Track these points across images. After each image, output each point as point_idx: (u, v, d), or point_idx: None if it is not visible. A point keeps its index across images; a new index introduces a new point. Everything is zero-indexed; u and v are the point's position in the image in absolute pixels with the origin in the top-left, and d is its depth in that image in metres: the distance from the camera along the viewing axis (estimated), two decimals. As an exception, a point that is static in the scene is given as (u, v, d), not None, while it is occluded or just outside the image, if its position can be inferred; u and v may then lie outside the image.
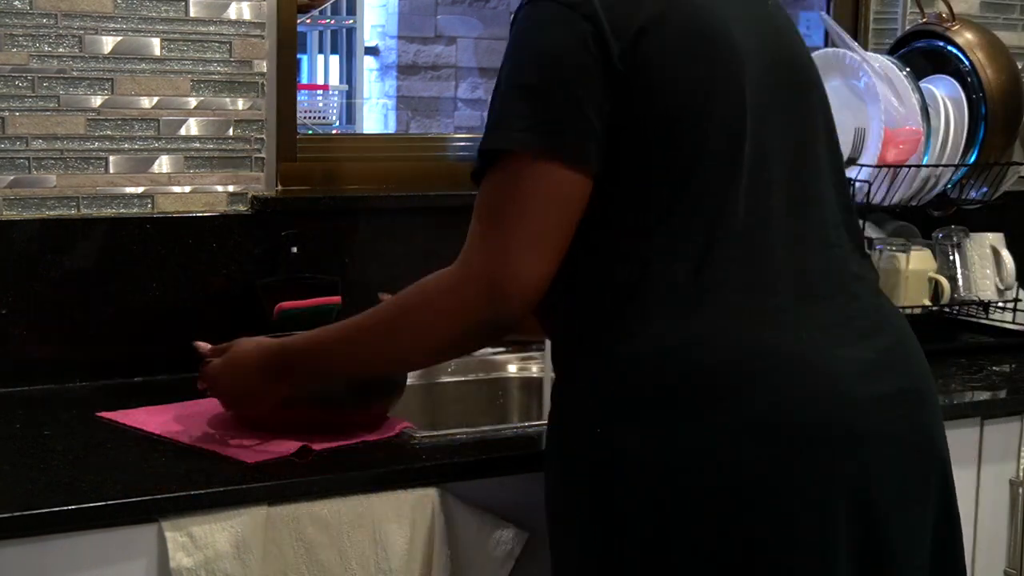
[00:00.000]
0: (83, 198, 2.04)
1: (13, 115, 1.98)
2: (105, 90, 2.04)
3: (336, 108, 3.96)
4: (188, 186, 2.11)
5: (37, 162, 2.01)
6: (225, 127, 2.13)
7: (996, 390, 2.21)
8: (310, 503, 1.58)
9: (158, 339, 2.08)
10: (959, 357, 2.34)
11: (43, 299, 2.00)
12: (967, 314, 2.54)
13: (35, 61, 1.99)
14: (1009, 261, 2.60)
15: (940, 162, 2.41)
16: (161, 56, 2.07)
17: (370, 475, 1.64)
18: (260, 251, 2.15)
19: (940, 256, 2.55)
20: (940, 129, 2.40)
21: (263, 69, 2.15)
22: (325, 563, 1.59)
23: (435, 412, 2.25)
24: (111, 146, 2.05)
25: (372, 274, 2.26)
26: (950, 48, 2.51)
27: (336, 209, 2.24)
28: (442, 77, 5.58)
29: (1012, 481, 2.12)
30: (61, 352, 2.02)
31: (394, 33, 5.52)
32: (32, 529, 1.45)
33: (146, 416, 1.82)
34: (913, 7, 2.71)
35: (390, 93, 5.53)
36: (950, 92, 2.44)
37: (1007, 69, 2.48)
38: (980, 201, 2.55)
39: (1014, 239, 2.66)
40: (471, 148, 2.51)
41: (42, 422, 1.83)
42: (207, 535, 1.51)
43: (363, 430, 1.74)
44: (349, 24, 4.94)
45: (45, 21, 1.98)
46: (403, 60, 5.51)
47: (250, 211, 2.15)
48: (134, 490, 1.52)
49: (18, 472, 1.61)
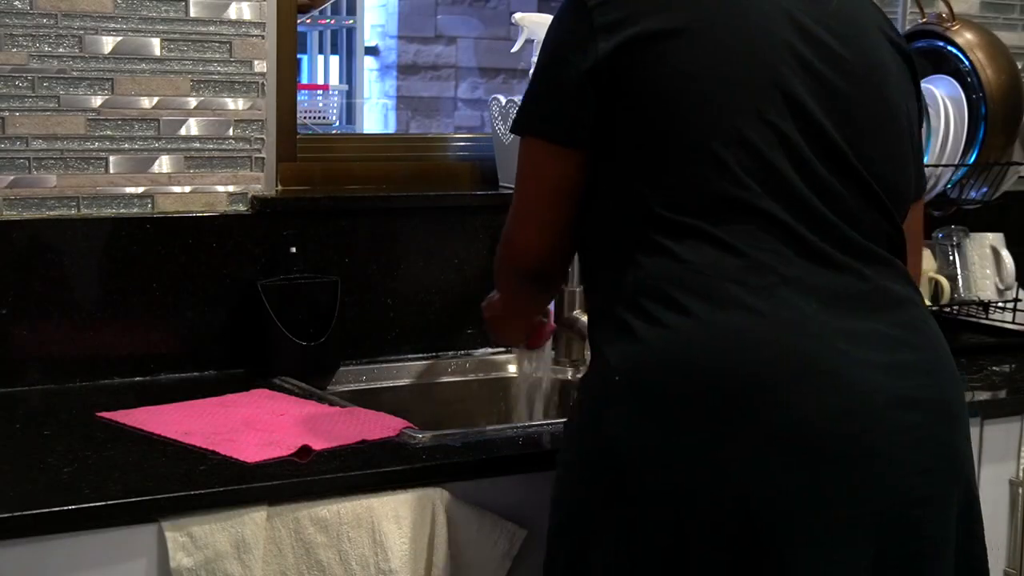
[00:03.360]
0: (83, 198, 2.04)
1: (13, 115, 1.98)
2: (105, 90, 2.04)
3: (336, 108, 3.96)
4: (188, 186, 2.11)
5: (37, 162, 2.01)
6: (225, 127, 2.13)
7: (996, 390, 2.21)
8: (310, 503, 1.58)
9: (158, 339, 2.08)
10: (959, 357, 2.29)
11: (43, 299, 2.00)
12: (967, 314, 2.54)
13: (35, 61, 1.99)
14: (1009, 261, 2.60)
15: (940, 162, 2.41)
16: (161, 56, 2.07)
17: (370, 475, 1.64)
18: (260, 251, 2.15)
19: (940, 256, 2.55)
20: (940, 129, 2.40)
21: (263, 69, 2.15)
22: (325, 563, 1.59)
23: (435, 412, 2.25)
24: (111, 146, 2.05)
25: (372, 274, 2.26)
26: (950, 48, 2.51)
27: (336, 209, 2.24)
28: (442, 77, 5.58)
29: (1012, 481, 2.13)
30: (61, 352, 2.02)
31: (394, 33, 5.53)
32: (32, 529, 1.44)
33: (146, 416, 1.82)
34: (913, 7, 2.72)
35: (390, 93, 5.54)
36: (950, 92, 2.44)
37: (1007, 69, 2.49)
38: (980, 201, 2.55)
39: (1014, 239, 2.66)
40: (471, 148, 2.51)
41: (42, 422, 1.83)
42: (207, 535, 1.52)
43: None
44: (349, 24, 4.94)
45: (45, 21, 1.98)
46: (403, 60, 5.52)
47: (250, 211, 2.15)
48: (134, 490, 1.52)
49: (18, 472, 1.61)
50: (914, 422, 1.43)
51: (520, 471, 1.72)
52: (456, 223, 2.32)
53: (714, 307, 1.41)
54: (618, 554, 1.43)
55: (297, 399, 1.96)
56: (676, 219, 1.45)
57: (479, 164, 2.47)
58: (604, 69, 1.49)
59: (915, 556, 1.44)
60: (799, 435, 1.37)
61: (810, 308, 1.42)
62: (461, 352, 2.35)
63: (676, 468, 1.38)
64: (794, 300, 1.42)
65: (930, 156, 2.40)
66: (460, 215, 2.32)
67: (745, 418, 1.37)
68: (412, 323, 2.30)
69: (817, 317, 1.42)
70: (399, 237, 2.29)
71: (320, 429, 1.77)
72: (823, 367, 1.40)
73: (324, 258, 2.20)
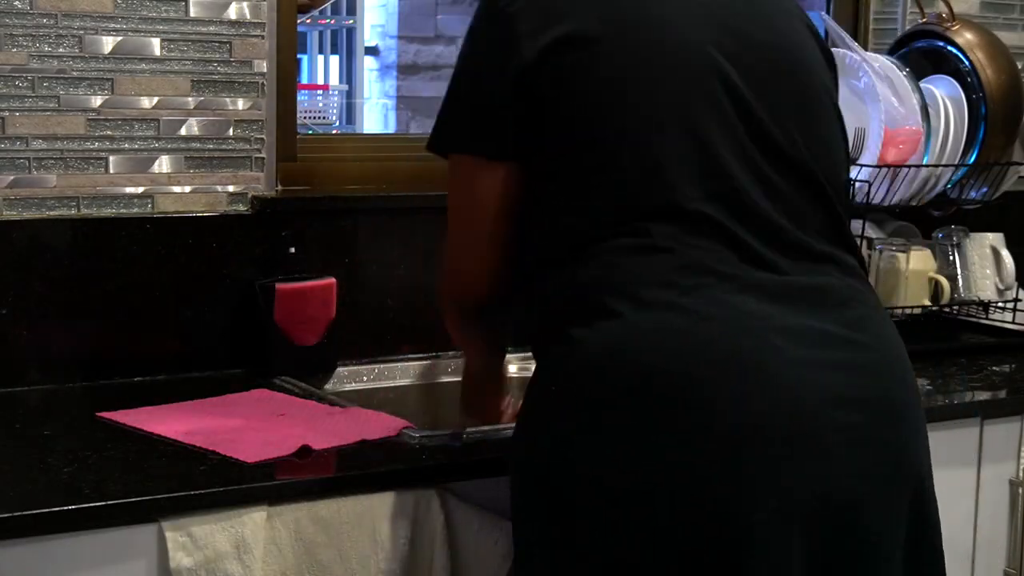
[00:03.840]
0: (83, 198, 2.04)
1: (13, 115, 1.98)
2: (105, 90, 2.04)
3: (336, 108, 3.97)
4: (188, 186, 2.11)
5: (37, 162, 2.01)
6: (225, 127, 2.13)
7: (996, 390, 2.21)
8: (310, 503, 1.58)
9: (158, 339, 2.08)
10: (959, 357, 2.34)
11: (43, 299, 2.00)
12: (967, 314, 2.53)
13: (35, 61, 1.99)
14: (1009, 261, 2.60)
15: (940, 162, 2.41)
16: (161, 56, 2.07)
17: (370, 475, 1.64)
18: (260, 251, 2.15)
19: (940, 256, 2.55)
20: (940, 129, 2.40)
21: (263, 69, 2.15)
22: (325, 563, 1.59)
23: (435, 412, 2.25)
24: (111, 146, 2.05)
25: (372, 274, 2.26)
26: (950, 48, 2.51)
27: (336, 209, 2.24)
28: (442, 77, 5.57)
29: (1012, 481, 2.12)
30: (61, 352, 2.01)
31: (394, 33, 5.52)
32: (32, 529, 1.44)
33: (146, 416, 1.82)
34: (913, 7, 2.71)
35: (390, 93, 5.53)
36: (950, 92, 2.44)
37: (1007, 69, 2.49)
38: (980, 201, 2.55)
39: (1014, 239, 2.66)
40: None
41: (42, 422, 1.83)
42: (207, 535, 1.51)
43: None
44: (349, 24, 4.94)
45: (45, 21, 1.98)
46: (403, 60, 5.51)
47: (250, 211, 2.15)
48: (134, 490, 1.52)
49: (18, 472, 1.61)
50: (852, 422, 1.39)
51: (520, 471, 1.72)
52: (456, 223, 2.32)
53: (641, 308, 1.39)
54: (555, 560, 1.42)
55: (297, 399, 1.96)
56: (609, 225, 1.43)
57: (479, 164, 2.46)
58: (529, 75, 1.45)
59: (852, 557, 1.40)
60: (726, 433, 1.34)
61: (747, 306, 1.39)
62: (461, 352, 2.34)
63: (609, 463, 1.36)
64: (729, 299, 1.39)
65: (930, 156, 2.40)
66: (460, 215, 2.32)
67: (672, 415, 1.35)
68: (412, 323, 2.29)
69: (754, 314, 1.39)
70: (399, 237, 2.29)
71: (320, 429, 1.77)
72: (752, 364, 1.36)
73: (324, 258, 2.20)
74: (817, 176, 1.49)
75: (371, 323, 2.27)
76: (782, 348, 1.38)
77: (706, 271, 1.41)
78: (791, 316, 1.41)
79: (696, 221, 1.42)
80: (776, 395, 1.36)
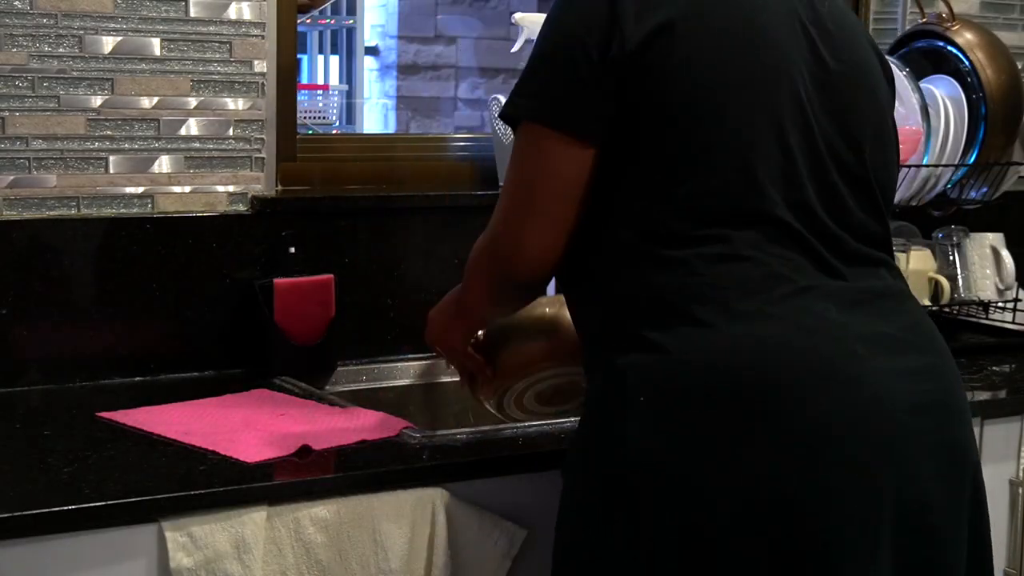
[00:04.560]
0: (83, 198, 2.04)
1: (13, 115, 1.98)
2: (105, 90, 2.04)
3: (336, 108, 3.96)
4: (188, 186, 2.11)
5: (37, 162, 2.01)
6: (225, 127, 2.13)
7: (996, 390, 2.21)
8: (310, 503, 1.58)
9: (158, 339, 2.08)
10: (959, 357, 2.29)
11: (43, 299, 2.00)
12: (967, 314, 2.53)
13: (35, 61, 1.99)
14: (1009, 261, 2.60)
15: (940, 162, 2.41)
16: (161, 56, 2.07)
17: (370, 475, 1.64)
18: (260, 251, 2.15)
19: (940, 256, 2.55)
20: (940, 129, 2.40)
21: (263, 69, 2.15)
22: (325, 563, 1.59)
23: (435, 412, 2.25)
24: (111, 146, 2.05)
25: (372, 274, 2.26)
26: (950, 48, 2.51)
27: (336, 209, 2.24)
28: (442, 77, 5.58)
29: (1012, 481, 2.13)
30: (61, 352, 2.02)
31: (394, 33, 5.53)
32: (32, 529, 1.44)
33: (146, 416, 1.82)
34: (913, 7, 2.71)
35: (390, 93, 5.54)
36: (950, 92, 2.44)
37: (1007, 69, 2.48)
38: (980, 201, 2.55)
39: (1014, 239, 2.66)
40: (471, 148, 2.51)
41: (42, 422, 1.83)
42: (207, 535, 1.51)
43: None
44: (349, 24, 4.94)
45: (45, 21, 1.98)
46: (403, 60, 5.52)
47: (250, 211, 2.15)
48: (134, 490, 1.52)
49: (18, 472, 1.61)
50: (926, 427, 1.42)
51: (520, 471, 1.72)
52: (456, 223, 2.32)
53: (735, 319, 1.39)
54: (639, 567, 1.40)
55: (297, 399, 1.96)
56: (690, 221, 1.42)
57: (479, 164, 2.46)
58: (629, 61, 1.40)
59: (929, 563, 1.43)
60: (820, 439, 1.36)
61: (829, 315, 1.41)
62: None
63: (704, 474, 1.36)
64: (813, 306, 1.41)
65: (930, 156, 2.40)
66: (460, 215, 2.32)
67: (774, 427, 1.35)
68: (412, 323, 2.29)
69: (837, 323, 1.41)
70: (399, 237, 2.29)
71: (320, 429, 1.77)
72: (843, 374, 1.38)
73: (324, 258, 2.20)
74: (876, 194, 1.52)
75: (371, 323, 2.27)
76: (865, 357, 1.40)
77: (787, 280, 1.41)
78: (864, 323, 1.43)
79: (778, 228, 1.43)
80: (867, 406, 1.38)
